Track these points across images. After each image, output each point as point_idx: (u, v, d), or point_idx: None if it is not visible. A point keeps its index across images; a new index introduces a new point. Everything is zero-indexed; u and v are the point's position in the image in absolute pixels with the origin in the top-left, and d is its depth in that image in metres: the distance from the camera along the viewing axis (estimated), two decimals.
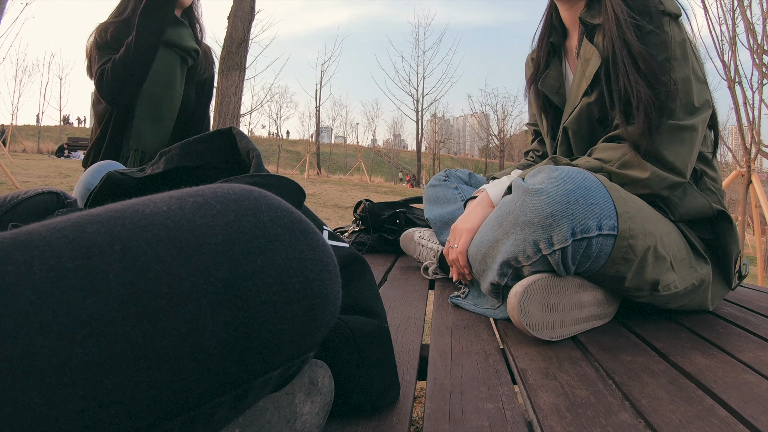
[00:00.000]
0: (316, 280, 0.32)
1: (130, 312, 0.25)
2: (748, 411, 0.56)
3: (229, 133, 0.78)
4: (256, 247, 0.30)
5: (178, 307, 0.26)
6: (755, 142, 3.84)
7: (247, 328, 0.29)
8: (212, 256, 0.28)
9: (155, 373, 0.26)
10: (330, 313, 0.34)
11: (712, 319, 0.97)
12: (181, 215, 0.29)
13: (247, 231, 0.30)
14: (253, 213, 0.31)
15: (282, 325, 0.30)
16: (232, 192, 0.32)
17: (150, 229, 0.27)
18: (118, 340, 0.25)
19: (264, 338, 0.30)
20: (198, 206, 0.30)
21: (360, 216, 1.70)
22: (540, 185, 0.80)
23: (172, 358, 0.26)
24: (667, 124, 0.88)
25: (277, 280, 0.30)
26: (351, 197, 9.07)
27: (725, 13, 4.16)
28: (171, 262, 0.27)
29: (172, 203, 0.29)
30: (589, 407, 0.56)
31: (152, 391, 0.26)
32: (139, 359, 0.25)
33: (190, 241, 0.28)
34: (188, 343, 0.27)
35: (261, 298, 0.29)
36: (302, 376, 0.42)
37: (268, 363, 0.31)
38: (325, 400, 0.44)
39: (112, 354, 0.24)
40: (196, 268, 0.27)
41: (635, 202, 0.83)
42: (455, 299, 1.02)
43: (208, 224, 0.29)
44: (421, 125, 25.52)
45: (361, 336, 0.50)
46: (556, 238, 0.77)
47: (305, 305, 0.31)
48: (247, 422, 0.37)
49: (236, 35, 4.93)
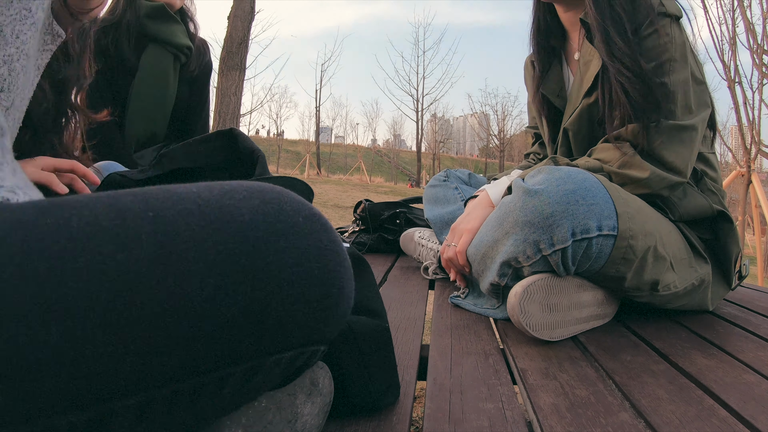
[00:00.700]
0: (334, 270, 0.34)
1: (158, 270, 0.27)
2: (748, 411, 0.56)
3: (230, 134, 0.78)
4: (279, 230, 0.32)
5: (203, 271, 0.28)
6: (755, 142, 3.84)
7: (265, 302, 0.30)
8: (238, 232, 0.30)
9: (173, 331, 0.27)
10: (343, 307, 0.35)
11: (712, 319, 0.97)
12: (209, 196, 0.31)
13: (271, 215, 0.32)
14: (277, 202, 0.33)
15: (298, 307, 0.32)
16: (256, 184, 0.34)
17: (181, 203, 0.30)
18: (144, 293, 0.26)
19: (281, 315, 0.31)
20: (225, 191, 0.32)
21: (360, 216, 1.70)
22: (540, 185, 0.80)
23: (193, 319, 0.28)
24: (667, 124, 0.88)
25: (296, 262, 0.32)
26: (351, 197, 9.07)
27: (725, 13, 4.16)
28: (199, 232, 0.29)
29: (201, 187, 0.32)
30: (589, 407, 0.56)
31: (168, 348, 0.27)
32: (160, 315, 0.27)
33: (218, 216, 0.30)
34: (210, 307, 0.28)
35: (281, 275, 0.31)
36: (303, 376, 0.42)
37: (281, 342, 0.32)
38: (325, 401, 0.44)
39: (136, 305, 0.26)
40: (222, 239, 0.29)
41: (635, 202, 0.84)
42: (455, 299, 1.02)
43: (235, 205, 0.31)
44: (421, 125, 25.55)
45: (362, 335, 0.50)
46: (556, 239, 0.77)
47: (322, 292, 0.33)
48: (249, 422, 0.38)
49: (236, 35, 4.93)
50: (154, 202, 0.29)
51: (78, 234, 0.26)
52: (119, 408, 0.27)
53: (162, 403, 0.29)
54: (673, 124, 0.88)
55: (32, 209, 0.26)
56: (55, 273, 0.25)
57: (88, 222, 0.27)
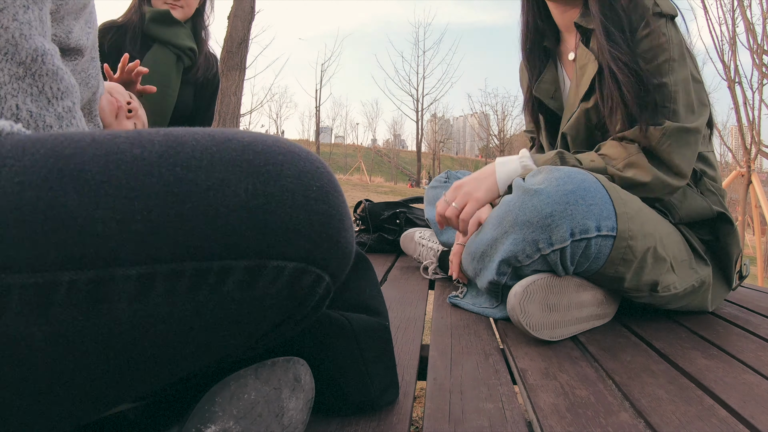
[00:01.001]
0: (332, 193, 0.36)
1: (168, 161, 0.31)
2: (748, 411, 0.56)
3: None
4: (278, 149, 0.35)
5: (208, 166, 0.32)
6: (755, 142, 3.84)
7: (267, 200, 0.33)
8: (239, 146, 0.34)
9: (179, 209, 0.30)
10: (345, 238, 0.37)
11: (712, 319, 0.97)
12: (213, 128, 0.35)
13: (269, 140, 0.35)
14: (274, 136, 0.37)
15: (299, 214, 0.34)
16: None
17: (189, 129, 0.34)
18: (154, 176, 0.30)
19: (283, 218, 0.33)
20: (228, 129, 0.36)
21: (360, 216, 1.70)
22: (539, 185, 0.80)
23: (197, 201, 0.31)
24: (674, 126, 0.87)
25: (295, 175, 0.34)
26: (351, 197, 9.07)
27: (725, 13, 4.16)
28: (204, 142, 0.33)
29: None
30: (589, 407, 0.56)
31: (173, 224, 0.30)
32: (167, 194, 0.30)
33: (221, 136, 0.34)
34: (214, 194, 0.31)
35: (280, 182, 0.33)
36: (287, 372, 0.42)
37: (284, 247, 0.33)
38: (308, 396, 0.45)
39: (146, 184, 0.30)
40: (225, 148, 0.33)
41: (634, 203, 0.84)
42: (453, 299, 1.02)
43: (236, 131, 0.36)
44: (421, 125, 25.56)
45: (362, 333, 0.50)
46: (554, 238, 0.77)
47: (323, 207, 0.35)
48: (240, 414, 0.38)
49: (236, 35, 4.93)
50: (165, 128, 0.34)
51: (100, 138, 0.32)
52: (120, 276, 0.29)
53: (162, 283, 0.30)
54: (679, 126, 0.88)
55: (64, 131, 0.32)
56: (78, 155, 0.30)
57: (109, 133, 0.32)
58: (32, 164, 0.29)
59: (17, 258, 0.27)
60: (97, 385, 0.32)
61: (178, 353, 0.34)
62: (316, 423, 0.50)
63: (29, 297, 0.28)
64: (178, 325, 0.32)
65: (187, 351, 0.34)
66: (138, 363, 0.33)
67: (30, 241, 0.27)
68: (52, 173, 0.29)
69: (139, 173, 0.30)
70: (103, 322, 0.30)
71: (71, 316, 0.29)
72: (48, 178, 0.29)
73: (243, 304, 0.34)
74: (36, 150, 0.30)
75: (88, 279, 0.29)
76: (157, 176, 0.30)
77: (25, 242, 0.27)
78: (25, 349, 0.29)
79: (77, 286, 0.28)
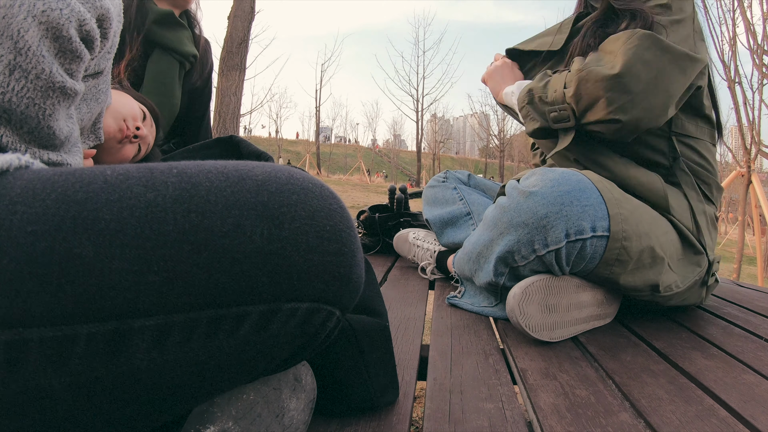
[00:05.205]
0: (344, 231, 0.36)
1: (181, 206, 0.31)
2: (748, 411, 0.56)
3: (230, 140, 0.79)
4: (291, 188, 0.35)
5: (223, 210, 0.32)
6: (755, 142, 3.84)
7: (281, 245, 0.33)
8: (253, 186, 0.34)
9: (194, 259, 0.30)
10: (357, 273, 0.36)
11: (712, 319, 0.97)
12: (226, 164, 0.35)
13: (283, 177, 0.35)
14: (287, 170, 0.37)
15: (313, 257, 0.34)
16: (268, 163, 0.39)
17: (202, 166, 0.34)
18: (168, 223, 0.30)
19: (296, 261, 0.33)
20: (240, 163, 0.36)
21: (363, 222, 1.68)
22: (534, 187, 0.80)
23: (212, 250, 0.31)
24: (679, 51, 0.84)
25: (308, 215, 0.34)
26: (351, 197, 9.07)
27: (725, 13, 4.16)
28: (218, 183, 0.33)
29: (218, 161, 0.36)
30: (589, 407, 0.56)
31: (188, 274, 0.30)
32: (182, 242, 0.30)
33: (235, 175, 0.34)
34: (229, 241, 0.31)
35: (294, 224, 0.33)
36: (287, 372, 0.42)
37: (298, 289, 0.33)
38: (309, 397, 0.45)
39: (160, 233, 0.30)
40: (239, 189, 0.33)
41: (629, 203, 0.83)
42: (451, 299, 1.02)
43: (250, 168, 0.35)
44: (421, 125, 25.54)
45: (362, 334, 0.50)
46: (550, 239, 0.77)
47: (335, 247, 0.35)
48: (239, 414, 0.38)
49: (236, 35, 4.93)
50: (178, 165, 0.34)
51: (112, 179, 0.31)
52: (138, 327, 0.29)
53: (179, 331, 0.30)
54: (683, 52, 0.84)
55: (74, 169, 0.32)
56: (91, 200, 0.30)
57: (120, 173, 0.32)
58: (44, 211, 0.28)
59: (34, 312, 0.27)
60: (113, 425, 0.33)
61: (192, 392, 0.34)
62: (316, 423, 0.50)
63: (48, 351, 0.28)
64: (193, 367, 0.32)
65: (201, 389, 0.35)
66: (153, 403, 0.33)
67: (47, 294, 0.27)
68: (65, 222, 0.28)
69: (153, 221, 0.30)
70: (121, 371, 0.30)
71: (90, 367, 0.29)
72: (61, 227, 0.28)
73: (257, 345, 0.34)
74: (47, 195, 0.29)
75: (106, 331, 0.29)
76: (172, 223, 0.30)
77: (42, 295, 0.27)
78: (45, 400, 0.29)
79: (96, 338, 0.28)
